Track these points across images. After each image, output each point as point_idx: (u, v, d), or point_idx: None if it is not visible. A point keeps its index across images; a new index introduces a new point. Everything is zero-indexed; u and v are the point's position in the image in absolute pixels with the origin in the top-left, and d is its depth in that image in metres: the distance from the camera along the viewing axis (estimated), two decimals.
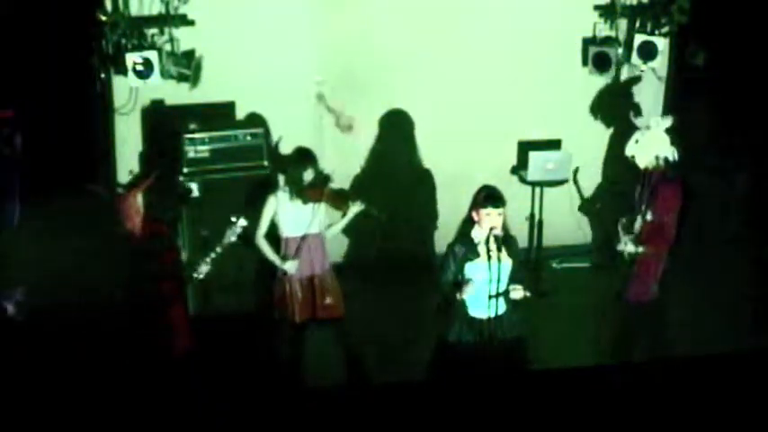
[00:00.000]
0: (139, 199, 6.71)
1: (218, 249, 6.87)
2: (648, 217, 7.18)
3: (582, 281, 9.20)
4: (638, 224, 7.25)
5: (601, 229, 9.25)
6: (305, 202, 7.12)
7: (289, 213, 7.16)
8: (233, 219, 6.91)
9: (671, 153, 7.18)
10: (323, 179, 7.21)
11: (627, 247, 7.21)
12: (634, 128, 7.33)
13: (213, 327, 7.61)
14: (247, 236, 7.08)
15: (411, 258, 9.08)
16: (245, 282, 8.07)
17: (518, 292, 6.24)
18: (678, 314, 8.43)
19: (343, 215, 7.27)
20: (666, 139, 7.19)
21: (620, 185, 8.33)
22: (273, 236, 7.28)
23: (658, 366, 7.16)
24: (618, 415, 6.21)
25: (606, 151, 9.44)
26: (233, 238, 6.92)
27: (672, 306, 8.64)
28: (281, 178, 7.28)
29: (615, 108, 9.25)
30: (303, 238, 7.16)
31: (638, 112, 8.63)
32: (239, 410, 6.36)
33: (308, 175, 7.10)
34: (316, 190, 7.12)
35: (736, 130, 9.42)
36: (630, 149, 7.27)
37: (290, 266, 7.18)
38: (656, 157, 7.18)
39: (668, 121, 7.27)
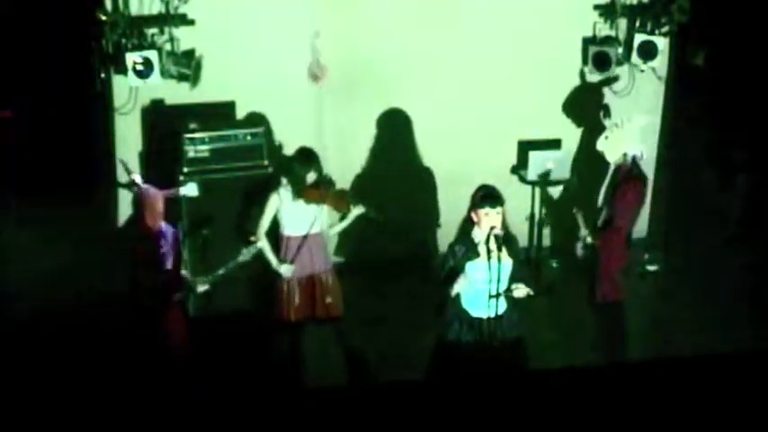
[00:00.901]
0: (162, 201, 6.78)
1: (230, 265, 6.90)
2: (606, 211, 7.28)
3: (581, 280, 9.19)
4: (600, 219, 7.34)
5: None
6: (307, 202, 7.13)
7: (291, 212, 7.17)
8: (252, 239, 6.95)
9: (639, 151, 7.25)
10: (325, 180, 7.21)
11: (581, 233, 7.33)
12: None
13: (213, 327, 7.61)
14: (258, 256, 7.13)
15: (411, 258, 9.07)
16: (244, 281, 8.06)
17: (521, 291, 6.23)
18: (677, 314, 8.45)
19: (343, 217, 7.28)
20: (638, 137, 7.27)
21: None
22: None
23: (658, 366, 7.15)
24: (617, 415, 6.21)
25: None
26: (247, 258, 6.95)
27: (671, 306, 8.66)
28: (284, 178, 7.28)
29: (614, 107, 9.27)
30: (304, 237, 7.17)
31: (608, 113, 8.71)
32: (239, 410, 6.36)
33: (311, 176, 7.11)
34: (318, 191, 7.13)
35: (735, 130, 9.43)
36: (600, 145, 7.38)
37: (286, 270, 7.20)
38: (625, 155, 7.25)
39: (643, 120, 7.33)
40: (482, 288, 6.20)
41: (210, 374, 7.12)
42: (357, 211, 7.21)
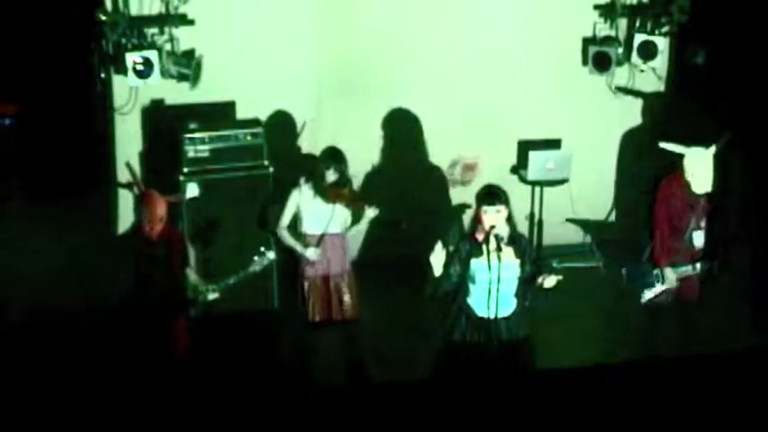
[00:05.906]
0: (164, 206, 6.77)
1: (241, 275, 6.89)
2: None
3: (582, 280, 9.19)
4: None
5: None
6: (326, 201, 7.17)
7: (310, 210, 7.23)
8: (262, 249, 6.95)
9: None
10: (345, 181, 7.24)
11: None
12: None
13: (213, 327, 7.60)
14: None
15: (412, 258, 9.05)
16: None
17: (551, 280, 6.22)
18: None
19: (356, 218, 7.30)
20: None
21: None
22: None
23: (658, 366, 7.15)
24: (619, 415, 6.21)
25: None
26: (257, 268, 6.93)
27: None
28: (305, 176, 7.31)
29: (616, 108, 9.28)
30: (321, 236, 7.21)
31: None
32: (239, 410, 6.36)
33: (333, 176, 7.15)
34: (337, 190, 7.17)
35: (735, 130, 9.42)
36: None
37: (312, 253, 7.21)
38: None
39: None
40: (486, 287, 6.20)
41: (210, 374, 7.12)
42: (371, 213, 7.23)
